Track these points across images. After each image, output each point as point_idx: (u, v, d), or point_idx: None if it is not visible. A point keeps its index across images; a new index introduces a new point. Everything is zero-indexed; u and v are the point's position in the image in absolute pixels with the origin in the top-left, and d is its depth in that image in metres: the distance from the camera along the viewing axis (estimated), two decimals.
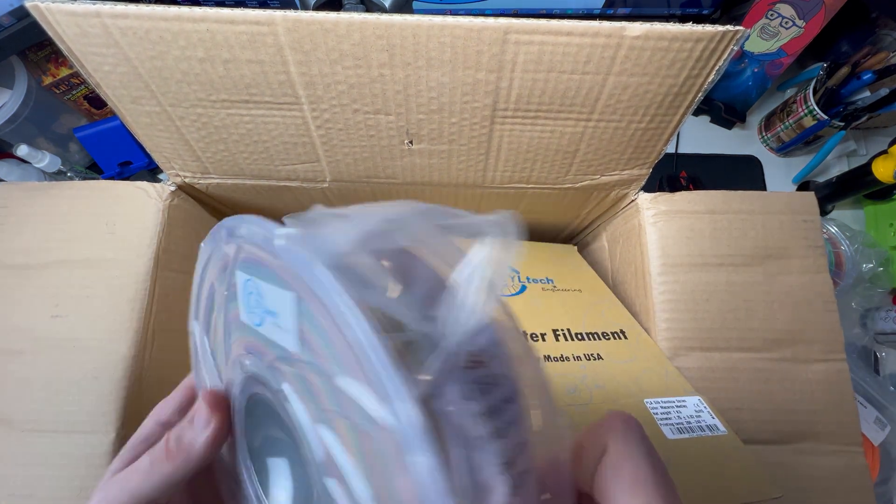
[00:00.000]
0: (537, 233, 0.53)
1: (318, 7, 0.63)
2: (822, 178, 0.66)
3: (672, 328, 0.35)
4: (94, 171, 0.62)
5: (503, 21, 0.25)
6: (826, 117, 0.59)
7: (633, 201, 0.39)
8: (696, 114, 0.70)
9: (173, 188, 0.36)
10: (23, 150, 0.50)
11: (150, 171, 0.63)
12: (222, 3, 0.58)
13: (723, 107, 0.68)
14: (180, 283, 0.36)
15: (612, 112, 0.30)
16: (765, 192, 0.43)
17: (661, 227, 0.37)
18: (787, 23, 0.56)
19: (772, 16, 0.57)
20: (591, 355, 0.32)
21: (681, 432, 0.27)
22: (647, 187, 0.38)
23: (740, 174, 0.68)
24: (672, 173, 0.65)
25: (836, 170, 0.68)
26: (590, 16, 0.62)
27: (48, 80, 0.54)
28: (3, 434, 0.29)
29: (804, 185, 0.67)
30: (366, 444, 0.11)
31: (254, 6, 0.26)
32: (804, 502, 0.31)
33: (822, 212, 0.65)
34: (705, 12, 0.62)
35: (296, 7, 0.60)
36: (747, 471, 0.26)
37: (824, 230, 0.61)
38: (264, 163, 0.35)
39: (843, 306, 0.61)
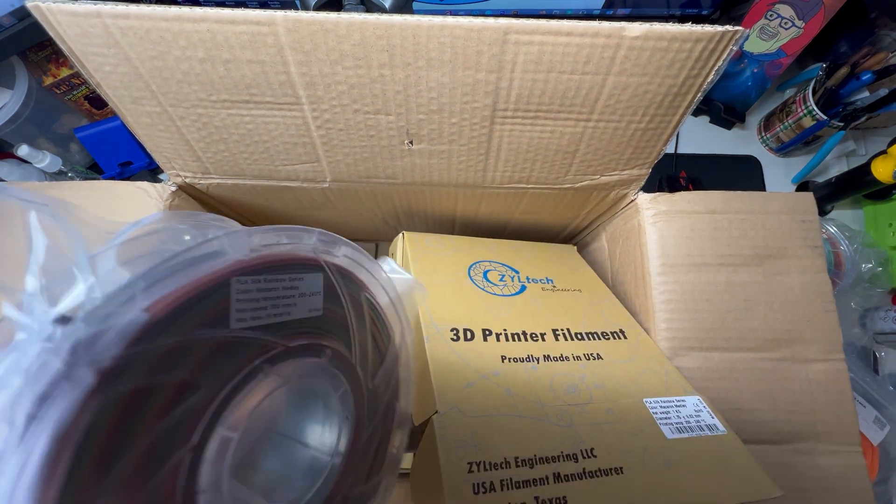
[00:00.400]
0: (537, 233, 0.53)
1: (319, 7, 0.63)
2: (821, 179, 0.66)
3: (672, 328, 0.35)
4: (95, 171, 0.62)
5: (503, 21, 0.25)
6: (825, 117, 0.59)
7: (633, 201, 0.39)
8: (696, 114, 0.70)
9: (174, 188, 0.36)
10: (23, 151, 0.50)
11: (151, 172, 0.63)
12: (223, 4, 0.58)
13: (722, 107, 0.68)
14: None
15: (612, 112, 0.30)
16: (764, 192, 0.43)
17: (660, 227, 0.37)
18: (786, 23, 0.57)
19: (771, 16, 0.57)
20: (591, 355, 0.32)
21: (680, 432, 0.27)
22: (647, 187, 0.38)
23: (739, 174, 0.68)
24: (672, 173, 0.65)
25: (836, 170, 0.68)
26: (589, 16, 0.62)
27: (49, 81, 0.54)
28: None
29: (803, 185, 0.67)
30: None
31: (254, 6, 0.26)
32: (804, 502, 0.31)
33: (822, 212, 0.65)
34: (705, 13, 0.62)
35: (296, 7, 0.60)
36: (747, 470, 0.26)
37: (823, 230, 0.61)
38: (265, 163, 0.35)
39: (843, 306, 0.61)
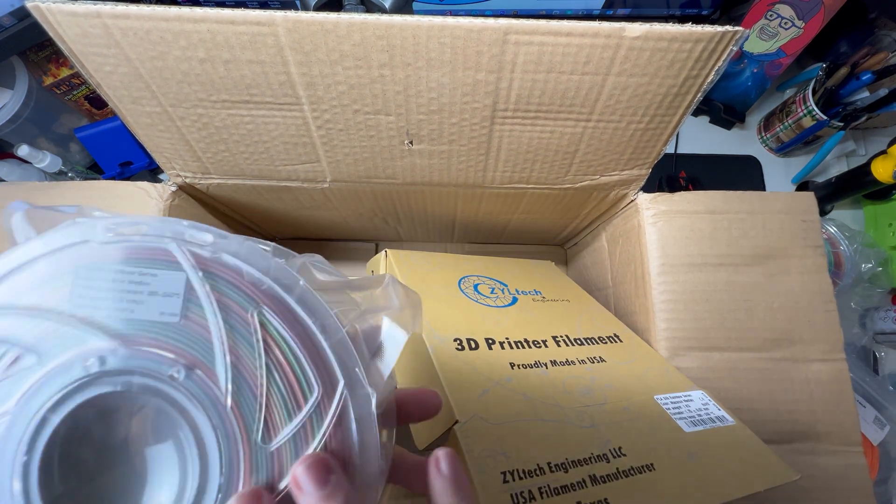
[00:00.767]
0: (537, 233, 0.53)
1: (319, 8, 0.63)
2: (821, 179, 0.66)
3: (672, 328, 0.35)
4: (95, 171, 0.62)
5: (503, 22, 0.25)
6: (825, 117, 0.59)
7: (633, 201, 0.39)
8: (696, 114, 0.70)
9: (174, 188, 0.36)
10: (24, 151, 0.50)
11: (151, 172, 0.63)
12: (223, 4, 0.58)
13: (722, 107, 0.68)
14: None
15: (612, 112, 0.30)
16: (764, 192, 0.43)
17: (660, 227, 0.37)
18: (786, 23, 0.57)
19: (771, 16, 0.57)
20: (594, 358, 0.32)
21: (695, 425, 0.28)
22: (647, 187, 0.38)
23: (739, 174, 0.68)
24: (671, 173, 0.65)
25: (836, 170, 0.68)
26: (589, 16, 0.62)
27: (49, 81, 0.54)
28: None
29: (803, 185, 0.67)
30: None
31: (254, 6, 0.26)
32: (804, 502, 0.31)
33: (822, 212, 0.65)
34: (705, 13, 0.62)
35: (296, 8, 0.60)
36: (764, 457, 0.27)
37: (823, 230, 0.61)
38: (265, 163, 0.35)
39: (843, 306, 0.61)
